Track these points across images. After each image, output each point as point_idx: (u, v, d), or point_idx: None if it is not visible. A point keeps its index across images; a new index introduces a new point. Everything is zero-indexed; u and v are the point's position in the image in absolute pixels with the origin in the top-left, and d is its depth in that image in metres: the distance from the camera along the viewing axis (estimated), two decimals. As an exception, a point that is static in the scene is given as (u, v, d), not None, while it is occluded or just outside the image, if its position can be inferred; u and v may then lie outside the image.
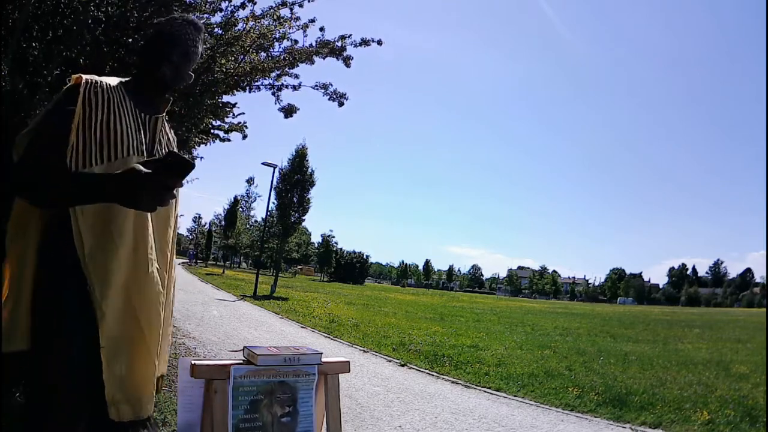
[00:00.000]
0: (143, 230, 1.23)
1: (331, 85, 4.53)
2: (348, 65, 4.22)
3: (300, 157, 21.96)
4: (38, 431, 1.10)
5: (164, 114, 1.38)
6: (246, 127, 6.10)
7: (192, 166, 1.02)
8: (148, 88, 1.34)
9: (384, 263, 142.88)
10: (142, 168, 1.02)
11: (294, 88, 4.46)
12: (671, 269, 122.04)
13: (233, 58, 4.12)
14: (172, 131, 1.47)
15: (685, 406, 5.16)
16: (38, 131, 1.15)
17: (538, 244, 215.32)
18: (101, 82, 1.24)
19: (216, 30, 4.02)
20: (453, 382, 5.96)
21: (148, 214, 1.24)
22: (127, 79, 1.34)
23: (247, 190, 49.04)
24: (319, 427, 1.35)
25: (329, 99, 4.56)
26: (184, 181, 1.10)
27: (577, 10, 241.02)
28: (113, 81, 1.29)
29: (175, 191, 1.10)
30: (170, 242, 1.38)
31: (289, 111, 4.76)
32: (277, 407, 1.27)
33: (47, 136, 1.14)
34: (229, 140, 6.30)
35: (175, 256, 1.46)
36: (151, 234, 1.26)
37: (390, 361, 7.09)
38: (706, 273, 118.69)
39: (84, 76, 1.22)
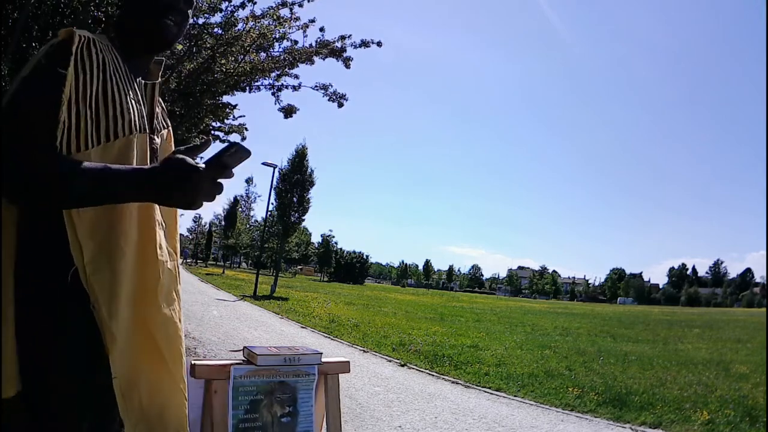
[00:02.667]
0: (150, 230, 1.00)
1: (331, 86, 4.54)
2: (348, 66, 4.23)
3: (300, 157, 22.01)
4: None
5: (160, 80, 1.15)
6: (246, 129, 6.12)
7: (249, 154, 0.88)
8: (144, 48, 1.07)
9: (384, 263, 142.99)
10: (187, 158, 0.84)
11: (294, 88, 4.47)
12: (671, 269, 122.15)
13: (233, 58, 4.13)
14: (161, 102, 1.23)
15: (685, 406, 5.16)
16: (22, 105, 0.87)
17: (538, 244, 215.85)
18: (93, 38, 0.96)
19: (216, 30, 4.03)
20: (453, 382, 5.96)
21: (156, 210, 1.03)
22: (106, 30, 1.12)
23: (246, 190, 49.19)
24: (319, 427, 1.35)
25: (329, 100, 4.58)
26: None
27: (577, 10, 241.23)
28: (103, 37, 1.01)
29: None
30: (177, 238, 1.17)
31: (288, 111, 4.77)
32: (277, 407, 1.27)
33: (31, 110, 0.86)
34: (228, 142, 6.33)
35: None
36: (160, 232, 1.05)
37: (390, 361, 7.09)
38: (706, 273, 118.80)
39: (77, 31, 0.93)
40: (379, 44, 4.27)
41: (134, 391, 0.96)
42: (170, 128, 1.21)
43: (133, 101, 1.00)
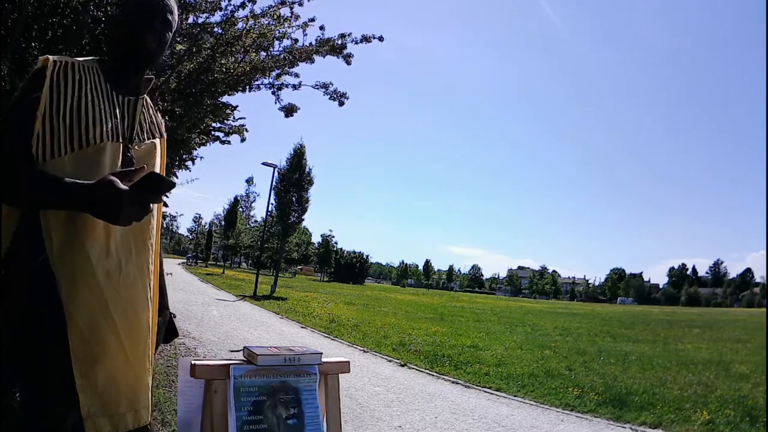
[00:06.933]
0: (108, 226, 1.10)
1: (332, 85, 4.52)
2: (348, 63, 4.21)
3: (298, 156, 21.99)
4: None
5: (145, 95, 1.26)
6: (246, 130, 6.11)
7: (172, 186, 1.04)
8: (128, 65, 1.21)
9: (384, 263, 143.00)
10: (119, 182, 0.97)
11: (294, 87, 4.46)
12: (671, 269, 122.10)
13: (233, 58, 4.12)
14: (158, 114, 1.35)
15: (685, 406, 5.16)
16: (3, 123, 1.06)
17: (538, 244, 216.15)
18: (72, 62, 1.13)
19: (216, 29, 4.02)
20: (453, 382, 5.96)
21: None
22: (103, 58, 1.23)
23: (246, 190, 49.23)
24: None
25: (330, 98, 4.56)
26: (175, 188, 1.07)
27: (577, 10, 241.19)
28: (88, 61, 1.17)
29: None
30: (153, 232, 1.25)
31: (289, 110, 4.76)
32: (281, 409, 1.26)
33: (12, 127, 1.05)
34: (229, 143, 6.32)
35: (160, 248, 1.34)
36: (116, 228, 1.13)
37: (390, 361, 7.09)
38: (706, 273, 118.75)
39: (51, 58, 1.10)
40: (380, 39, 4.22)
41: (91, 368, 1.05)
42: (162, 139, 1.31)
43: (108, 114, 1.14)
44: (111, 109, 1.15)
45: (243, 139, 6.24)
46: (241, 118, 5.96)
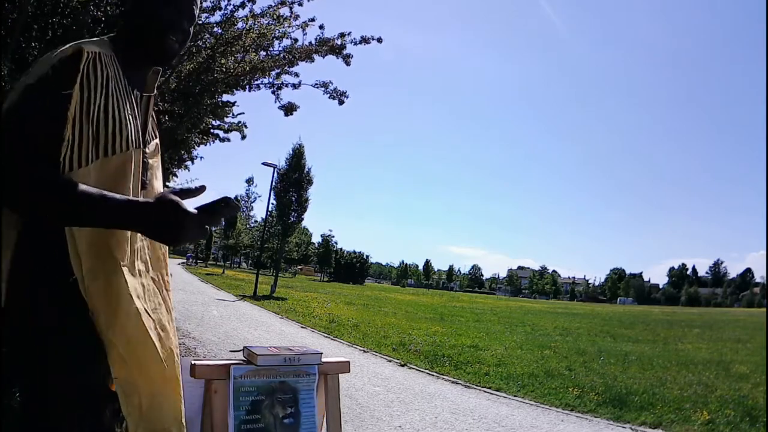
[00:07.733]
0: (134, 236, 1.04)
1: (332, 84, 4.53)
2: (348, 63, 4.21)
3: (297, 156, 22.01)
4: None
5: (155, 92, 1.15)
6: (245, 127, 6.12)
7: (238, 209, 0.99)
8: (144, 61, 1.09)
9: (384, 263, 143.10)
10: (183, 203, 0.88)
11: (294, 86, 4.46)
12: (671, 269, 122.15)
13: (233, 58, 4.12)
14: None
15: (685, 406, 5.16)
16: (28, 119, 0.87)
17: (538, 244, 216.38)
18: (99, 52, 0.98)
19: (216, 29, 4.02)
20: (453, 382, 5.96)
21: None
22: (109, 38, 1.08)
23: (246, 190, 49.21)
24: (319, 427, 1.35)
25: (330, 97, 4.56)
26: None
27: (577, 10, 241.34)
28: (107, 48, 1.02)
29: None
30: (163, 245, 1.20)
31: (289, 109, 4.76)
32: (278, 408, 1.27)
33: (40, 128, 0.88)
34: (228, 140, 6.33)
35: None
36: (145, 243, 1.10)
37: (390, 361, 7.09)
38: (706, 273, 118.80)
39: (86, 49, 0.94)
40: (379, 40, 4.24)
41: (134, 391, 1.01)
42: (158, 139, 1.23)
43: (130, 116, 1.02)
44: (131, 110, 1.04)
45: (243, 137, 6.25)
46: (240, 114, 5.97)
